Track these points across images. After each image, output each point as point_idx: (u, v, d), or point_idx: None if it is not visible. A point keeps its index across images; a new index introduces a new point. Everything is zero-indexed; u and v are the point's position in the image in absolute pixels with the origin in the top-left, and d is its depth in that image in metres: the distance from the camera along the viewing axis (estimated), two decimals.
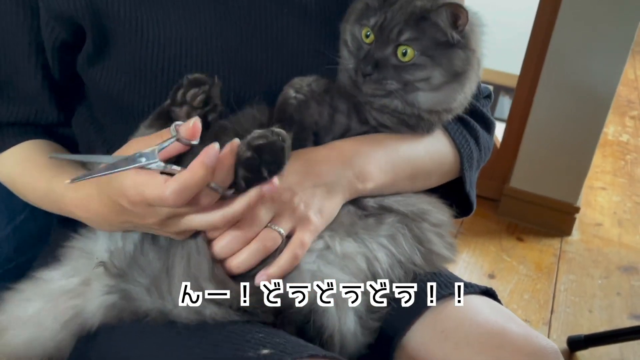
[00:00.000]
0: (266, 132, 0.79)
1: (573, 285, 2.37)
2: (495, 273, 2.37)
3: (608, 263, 2.52)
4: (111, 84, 0.95)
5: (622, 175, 3.23)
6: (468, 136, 1.07)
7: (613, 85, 2.37)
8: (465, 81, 0.96)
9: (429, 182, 1.03)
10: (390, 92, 0.94)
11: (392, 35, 0.91)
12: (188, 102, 0.87)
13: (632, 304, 2.30)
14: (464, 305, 0.95)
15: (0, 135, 1.02)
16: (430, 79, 0.93)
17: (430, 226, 0.97)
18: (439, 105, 0.97)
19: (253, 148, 0.77)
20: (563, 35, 2.36)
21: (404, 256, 0.93)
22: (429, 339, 0.92)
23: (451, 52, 0.93)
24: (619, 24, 2.28)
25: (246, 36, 0.96)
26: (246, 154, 0.77)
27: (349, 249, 0.89)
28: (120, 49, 0.94)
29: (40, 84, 0.99)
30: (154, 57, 0.93)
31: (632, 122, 3.87)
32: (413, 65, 0.92)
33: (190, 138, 0.76)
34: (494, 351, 0.88)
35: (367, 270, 0.89)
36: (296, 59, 0.99)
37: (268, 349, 0.78)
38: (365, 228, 0.92)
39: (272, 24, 0.98)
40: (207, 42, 0.94)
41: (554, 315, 2.21)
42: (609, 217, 2.83)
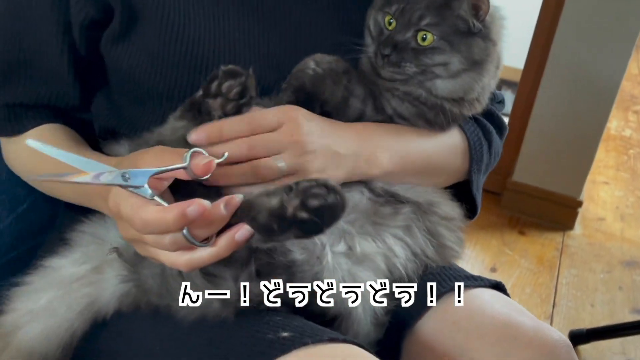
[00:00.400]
0: (319, 188, 0.75)
1: (575, 280, 2.37)
2: (497, 266, 2.37)
3: (610, 257, 2.52)
4: (132, 65, 0.95)
5: (625, 170, 3.23)
6: (483, 139, 1.06)
7: (617, 79, 2.37)
8: (484, 72, 0.96)
9: (438, 180, 1.03)
10: (409, 77, 0.94)
11: (412, 20, 0.91)
12: (223, 94, 0.86)
13: (634, 299, 2.30)
14: (474, 297, 0.95)
15: (19, 117, 1.00)
16: (448, 64, 0.93)
17: (440, 219, 0.97)
18: (457, 93, 0.97)
19: (311, 210, 0.74)
20: (567, 29, 2.35)
21: (419, 247, 0.93)
22: (439, 330, 0.92)
23: (471, 40, 0.93)
24: (623, 18, 2.27)
25: (267, 25, 0.96)
26: (302, 215, 0.74)
27: (368, 249, 0.89)
28: (145, 30, 0.93)
29: (66, 62, 0.98)
30: (177, 42, 0.93)
31: (635, 117, 3.86)
32: (432, 49, 0.92)
33: (201, 175, 0.75)
34: (506, 343, 0.88)
35: (387, 270, 0.89)
36: (316, 49, 0.98)
37: (287, 331, 0.78)
38: (382, 217, 0.92)
39: (293, 13, 0.98)
40: (228, 30, 0.94)
41: (556, 309, 2.21)
42: (612, 212, 2.83)
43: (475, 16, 0.91)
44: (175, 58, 0.93)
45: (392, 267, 0.90)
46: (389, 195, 0.95)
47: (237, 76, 0.86)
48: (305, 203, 0.73)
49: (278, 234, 0.75)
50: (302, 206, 0.73)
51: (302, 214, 0.73)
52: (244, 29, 0.95)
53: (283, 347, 0.75)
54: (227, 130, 0.84)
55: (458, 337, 0.90)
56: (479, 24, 0.92)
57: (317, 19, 0.99)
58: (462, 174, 1.07)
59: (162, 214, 0.71)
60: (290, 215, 0.74)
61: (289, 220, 0.74)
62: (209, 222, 0.73)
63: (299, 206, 0.73)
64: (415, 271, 0.93)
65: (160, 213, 0.71)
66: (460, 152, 1.04)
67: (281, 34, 0.97)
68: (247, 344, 0.78)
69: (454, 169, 1.05)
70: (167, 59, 0.93)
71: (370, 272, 0.88)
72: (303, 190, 0.74)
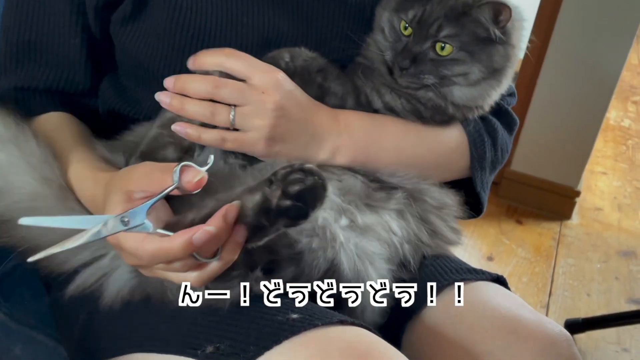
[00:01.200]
0: (297, 173, 0.75)
1: (572, 269, 2.38)
2: (494, 255, 2.38)
3: (607, 247, 2.52)
4: (140, 47, 0.95)
5: (623, 160, 3.23)
6: (486, 136, 1.05)
7: (617, 70, 2.37)
8: (503, 78, 0.96)
9: (428, 174, 1.01)
10: (425, 85, 0.94)
11: (431, 31, 0.91)
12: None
13: (630, 289, 2.31)
14: (476, 291, 0.95)
15: (27, 101, 1.00)
16: (468, 74, 0.93)
17: (432, 208, 0.97)
18: (473, 102, 0.97)
19: (293, 196, 0.74)
20: (568, 19, 2.34)
21: (412, 232, 0.93)
22: (441, 322, 0.92)
23: (491, 48, 0.93)
24: (624, 8, 2.27)
25: (276, 13, 0.96)
26: (285, 203, 0.74)
27: (369, 221, 0.89)
28: (155, 13, 0.94)
29: (79, 45, 0.98)
30: (184, 26, 0.93)
31: (634, 107, 3.86)
32: (451, 60, 0.92)
33: (192, 191, 0.75)
34: (508, 336, 0.88)
35: (389, 241, 0.90)
36: (324, 41, 0.98)
37: (297, 313, 0.78)
38: (376, 201, 0.92)
39: (304, 4, 0.97)
40: (236, 15, 0.94)
41: (552, 299, 2.22)
42: (609, 202, 2.84)
43: (495, 23, 0.90)
44: (182, 42, 0.93)
45: (390, 245, 0.91)
46: (379, 181, 0.95)
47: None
48: (286, 191, 0.73)
49: (269, 228, 0.75)
50: (283, 195, 0.74)
51: (285, 202, 0.73)
52: (252, 14, 0.95)
53: (293, 328, 0.75)
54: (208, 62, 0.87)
55: (460, 330, 0.90)
56: (499, 33, 0.91)
57: (328, 8, 0.98)
58: (463, 171, 1.06)
59: (167, 244, 0.72)
60: (275, 207, 0.74)
61: (274, 211, 0.74)
62: (216, 241, 0.73)
63: (281, 195, 0.74)
64: (412, 255, 0.94)
65: (166, 243, 0.72)
66: (459, 149, 1.04)
67: (290, 22, 0.97)
68: (257, 326, 0.78)
69: (450, 165, 1.04)
70: (174, 43, 0.93)
71: (376, 242, 0.89)
72: (282, 178, 0.74)
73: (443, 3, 0.91)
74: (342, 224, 0.88)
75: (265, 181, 0.75)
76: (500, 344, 0.88)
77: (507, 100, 1.09)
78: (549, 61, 2.43)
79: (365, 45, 0.99)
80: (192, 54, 0.90)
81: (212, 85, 0.86)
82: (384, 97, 0.97)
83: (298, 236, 0.84)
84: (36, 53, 0.98)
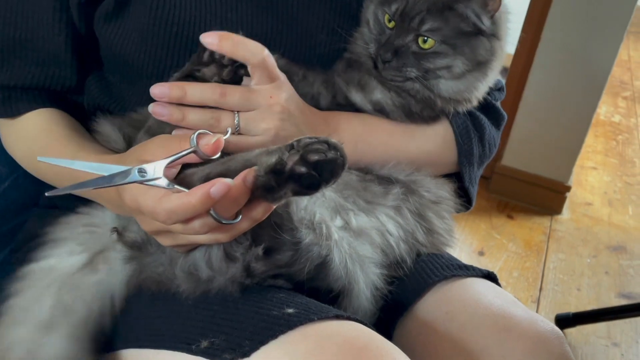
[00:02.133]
0: (320, 144, 0.73)
1: (562, 264, 2.39)
2: (484, 250, 2.38)
3: (597, 242, 2.53)
4: (124, 43, 0.94)
5: (613, 155, 3.24)
6: (473, 132, 1.05)
7: (608, 65, 2.37)
8: (489, 71, 0.96)
9: (417, 169, 1.01)
10: (410, 78, 0.94)
11: (412, 24, 0.91)
12: (216, 60, 0.85)
13: (620, 283, 2.32)
14: (468, 287, 0.95)
15: (14, 99, 0.98)
16: (451, 67, 0.93)
17: (430, 203, 0.97)
18: (460, 95, 0.97)
19: (310, 164, 0.72)
20: (559, 15, 2.35)
21: (410, 230, 0.93)
22: (433, 318, 0.92)
23: (475, 41, 0.92)
24: (614, 4, 2.27)
25: (262, 8, 0.95)
26: (300, 169, 0.72)
27: (363, 224, 0.89)
28: (138, 9, 0.93)
29: (63, 41, 0.96)
30: (167, 22, 0.92)
31: (625, 103, 3.88)
32: (434, 53, 0.92)
33: (211, 154, 0.74)
34: (500, 334, 0.87)
35: (382, 245, 0.90)
36: (309, 35, 0.98)
37: (292, 308, 0.77)
38: (374, 195, 0.92)
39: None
40: (220, 11, 0.93)
41: (543, 293, 2.23)
42: (599, 197, 2.85)
43: (485, 13, 0.90)
44: (165, 39, 0.92)
45: (386, 246, 0.91)
46: (371, 173, 0.95)
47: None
48: (305, 157, 0.72)
49: (276, 190, 0.73)
50: (301, 160, 0.72)
51: (300, 168, 0.72)
52: (237, 10, 0.94)
53: (289, 322, 0.75)
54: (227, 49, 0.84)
55: (452, 327, 0.90)
56: (489, 23, 0.91)
57: (315, 6, 0.98)
58: (451, 166, 1.06)
59: (186, 199, 0.71)
60: (289, 170, 0.72)
61: (287, 174, 0.72)
62: (234, 200, 0.73)
63: (299, 160, 0.72)
64: (408, 253, 0.94)
65: (184, 199, 0.71)
66: (446, 144, 1.04)
67: (276, 16, 0.96)
68: (252, 320, 0.77)
69: (438, 161, 1.04)
70: (158, 40, 0.92)
71: (368, 245, 0.89)
72: (304, 145, 0.73)
73: None
74: (336, 224, 0.88)
75: (286, 146, 0.74)
76: (492, 341, 0.87)
77: (494, 95, 1.09)
78: (539, 57, 2.43)
79: (352, 39, 0.99)
80: (176, 50, 0.90)
81: (219, 93, 0.84)
82: (373, 94, 0.97)
83: (298, 225, 0.84)
84: (21, 51, 0.97)
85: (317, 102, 0.96)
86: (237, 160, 0.76)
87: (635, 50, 4.80)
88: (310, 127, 0.91)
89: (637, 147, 3.36)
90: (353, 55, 0.99)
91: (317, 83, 0.96)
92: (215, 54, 0.84)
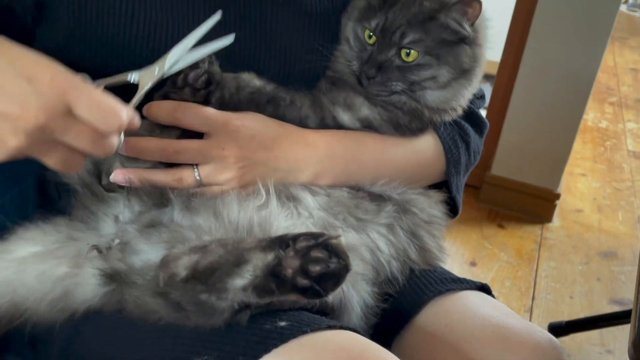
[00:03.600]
0: (320, 251, 0.70)
1: (554, 272, 2.38)
2: (476, 260, 2.37)
3: (588, 249, 2.53)
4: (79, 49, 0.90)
5: (602, 161, 3.25)
6: (459, 141, 1.05)
7: (593, 72, 2.38)
8: (473, 77, 0.96)
9: (407, 183, 1.00)
10: (395, 92, 0.94)
11: (394, 38, 0.91)
12: (190, 84, 0.86)
13: (612, 289, 2.32)
14: (464, 300, 0.95)
15: None
16: (436, 77, 0.93)
17: (423, 222, 0.97)
18: (447, 104, 0.97)
19: (312, 277, 0.70)
20: (543, 22, 2.35)
21: (402, 247, 0.93)
22: (432, 332, 0.92)
23: (458, 49, 0.92)
24: (598, 10, 2.28)
25: (238, 24, 0.94)
26: (302, 282, 0.70)
27: (352, 241, 0.88)
28: (103, 22, 0.89)
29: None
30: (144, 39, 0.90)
31: (611, 109, 3.89)
32: (417, 66, 0.92)
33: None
34: (499, 344, 0.88)
35: (372, 262, 0.89)
36: (289, 53, 0.97)
37: (284, 321, 0.76)
38: (366, 212, 0.91)
39: (266, 16, 0.96)
40: (194, 26, 0.91)
41: (535, 302, 2.22)
42: (589, 203, 2.85)
43: (466, 21, 0.90)
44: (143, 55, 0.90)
45: (376, 263, 0.90)
46: (363, 190, 0.95)
47: (201, 63, 0.86)
48: (306, 269, 0.70)
49: (276, 294, 0.72)
50: (302, 271, 0.70)
51: (302, 281, 0.70)
52: (215, 26, 0.92)
53: (282, 336, 0.74)
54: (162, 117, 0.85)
55: (450, 340, 0.90)
56: (470, 30, 0.91)
57: (292, 19, 0.97)
58: (439, 176, 1.07)
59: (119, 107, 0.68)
60: (290, 278, 0.71)
61: (289, 283, 0.71)
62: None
63: (299, 270, 0.70)
64: (400, 271, 0.93)
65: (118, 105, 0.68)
66: (435, 155, 1.04)
67: (253, 34, 0.95)
68: (244, 335, 0.76)
69: (428, 173, 1.04)
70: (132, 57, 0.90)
71: (359, 261, 0.88)
72: (302, 251, 0.71)
73: (405, 10, 0.91)
74: None
75: (278, 241, 0.72)
76: (491, 351, 0.88)
77: (476, 104, 1.09)
78: (525, 65, 2.44)
79: (334, 57, 0.99)
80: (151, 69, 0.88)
81: (172, 152, 0.86)
82: (361, 111, 0.96)
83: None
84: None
85: (305, 126, 0.95)
86: (229, 251, 0.74)
87: (621, 56, 4.83)
88: (285, 159, 0.91)
89: (625, 152, 3.37)
90: (336, 73, 0.98)
91: (305, 107, 0.95)
92: (189, 77, 0.86)
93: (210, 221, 0.84)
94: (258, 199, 0.87)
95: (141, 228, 0.87)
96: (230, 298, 0.74)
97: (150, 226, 0.87)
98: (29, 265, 0.84)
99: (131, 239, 0.86)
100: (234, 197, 0.87)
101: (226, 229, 0.82)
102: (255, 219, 0.83)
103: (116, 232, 0.88)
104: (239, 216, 0.84)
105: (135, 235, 0.86)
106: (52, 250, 0.86)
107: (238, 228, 0.82)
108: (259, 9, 0.95)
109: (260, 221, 0.83)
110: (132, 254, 0.85)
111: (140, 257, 0.84)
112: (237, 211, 0.84)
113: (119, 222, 0.89)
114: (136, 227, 0.87)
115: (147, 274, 0.80)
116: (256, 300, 0.74)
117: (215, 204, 0.86)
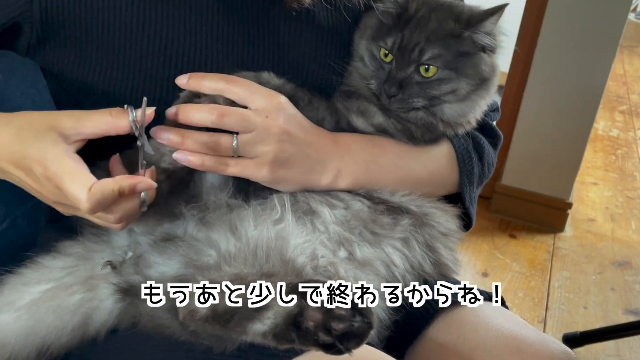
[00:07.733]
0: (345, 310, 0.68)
1: (567, 282, 2.36)
2: (488, 271, 2.36)
3: (602, 258, 2.51)
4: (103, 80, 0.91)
5: (613, 170, 3.23)
6: (473, 152, 1.05)
7: (602, 80, 2.37)
8: (491, 86, 0.96)
9: (422, 191, 1.00)
10: (414, 108, 0.94)
11: (413, 56, 0.91)
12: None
13: (627, 299, 2.30)
14: (477, 311, 0.95)
15: None
16: (457, 90, 0.93)
17: (440, 234, 0.96)
18: (464, 117, 0.97)
19: (335, 335, 0.68)
20: (551, 31, 2.35)
21: (417, 261, 0.92)
22: (444, 343, 0.92)
23: (476, 59, 0.93)
24: (606, 18, 2.27)
25: (252, 39, 0.95)
26: (324, 338, 0.68)
27: (367, 255, 0.88)
28: (121, 41, 0.90)
29: None
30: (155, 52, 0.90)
31: (622, 117, 3.88)
32: (437, 80, 0.92)
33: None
34: (512, 356, 0.88)
35: (387, 277, 0.89)
36: (300, 65, 0.97)
37: None
38: (382, 227, 0.91)
39: (279, 29, 0.96)
40: (210, 41, 0.92)
41: (549, 313, 2.20)
42: (602, 212, 2.83)
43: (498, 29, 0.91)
44: (153, 69, 0.91)
45: (391, 277, 0.90)
46: (383, 202, 0.94)
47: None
48: (328, 325, 0.68)
49: (296, 343, 0.70)
50: (324, 327, 0.68)
51: (324, 337, 0.68)
52: (226, 41, 0.93)
53: (296, 350, 0.74)
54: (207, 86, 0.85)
55: (464, 350, 0.90)
56: (489, 39, 0.91)
57: (303, 33, 0.97)
58: (453, 187, 1.06)
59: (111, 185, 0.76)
60: (312, 332, 0.69)
61: (310, 337, 0.69)
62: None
63: (321, 326, 0.68)
64: None
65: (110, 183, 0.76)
66: (449, 165, 1.03)
67: (266, 47, 0.95)
68: (257, 348, 0.75)
69: (443, 182, 1.04)
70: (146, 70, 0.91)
71: (374, 276, 0.87)
72: (326, 306, 0.68)
73: (421, 26, 0.91)
74: (340, 255, 0.86)
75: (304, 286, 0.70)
76: None
77: (490, 116, 1.09)
78: (534, 74, 2.43)
79: (347, 74, 0.99)
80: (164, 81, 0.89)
81: (217, 115, 0.83)
82: (374, 118, 0.96)
83: (303, 274, 0.81)
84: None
85: (321, 127, 0.95)
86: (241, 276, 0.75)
87: (630, 64, 4.82)
88: (315, 148, 0.91)
89: (637, 160, 3.35)
90: (351, 87, 0.98)
91: (322, 108, 0.95)
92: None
93: (227, 237, 0.83)
94: (273, 213, 0.86)
95: (155, 241, 0.87)
96: (248, 340, 0.73)
97: (165, 240, 0.87)
98: (42, 305, 0.85)
99: (144, 252, 0.87)
100: (249, 211, 0.87)
101: (242, 246, 0.82)
102: (272, 235, 0.83)
103: (129, 244, 0.89)
104: (255, 233, 0.83)
105: (149, 248, 0.87)
106: (61, 280, 0.87)
107: (255, 246, 0.82)
108: (271, 23, 0.96)
109: (276, 237, 0.83)
110: (147, 267, 0.85)
111: (156, 269, 0.85)
112: (253, 226, 0.84)
113: (133, 234, 0.89)
114: (149, 240, 0.87)
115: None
116: (275, 346, 0.72)
117: (230, 217, 0.85)
